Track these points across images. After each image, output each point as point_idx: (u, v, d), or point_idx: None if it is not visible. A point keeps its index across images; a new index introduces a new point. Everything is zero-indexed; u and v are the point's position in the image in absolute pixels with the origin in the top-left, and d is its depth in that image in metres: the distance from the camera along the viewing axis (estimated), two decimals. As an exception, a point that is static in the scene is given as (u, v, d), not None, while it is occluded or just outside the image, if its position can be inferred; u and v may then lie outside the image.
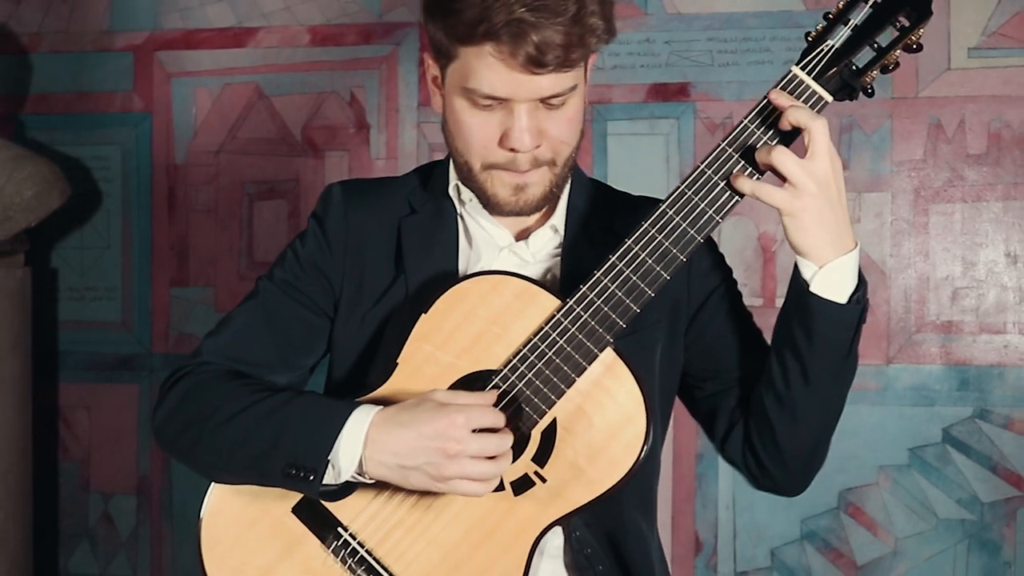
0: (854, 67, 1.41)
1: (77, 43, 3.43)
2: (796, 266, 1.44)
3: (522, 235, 1.61)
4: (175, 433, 1.55)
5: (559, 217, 1.60)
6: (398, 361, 1.49)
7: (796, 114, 1.36)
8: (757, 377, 1.55)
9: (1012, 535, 3.00)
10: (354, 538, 1.47)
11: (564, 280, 1.56)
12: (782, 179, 1.39)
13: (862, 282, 1.44)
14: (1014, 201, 3.00)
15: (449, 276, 1.56)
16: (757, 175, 1.41)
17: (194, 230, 3.38)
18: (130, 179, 3.41)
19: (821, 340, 1.44)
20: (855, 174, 3.05)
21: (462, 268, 1.60)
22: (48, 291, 3.45)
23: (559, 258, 1.59)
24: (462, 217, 1.62)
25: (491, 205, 1.54)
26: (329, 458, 1.41)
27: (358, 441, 1.41)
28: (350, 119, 3.28)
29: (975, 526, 3.02)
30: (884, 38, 1.40)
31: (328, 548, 1.48)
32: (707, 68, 3.10)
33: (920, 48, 1.41)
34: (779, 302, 3.00)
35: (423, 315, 1.48)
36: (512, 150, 1.47)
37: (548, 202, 1.55)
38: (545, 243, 1.60)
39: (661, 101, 3.12)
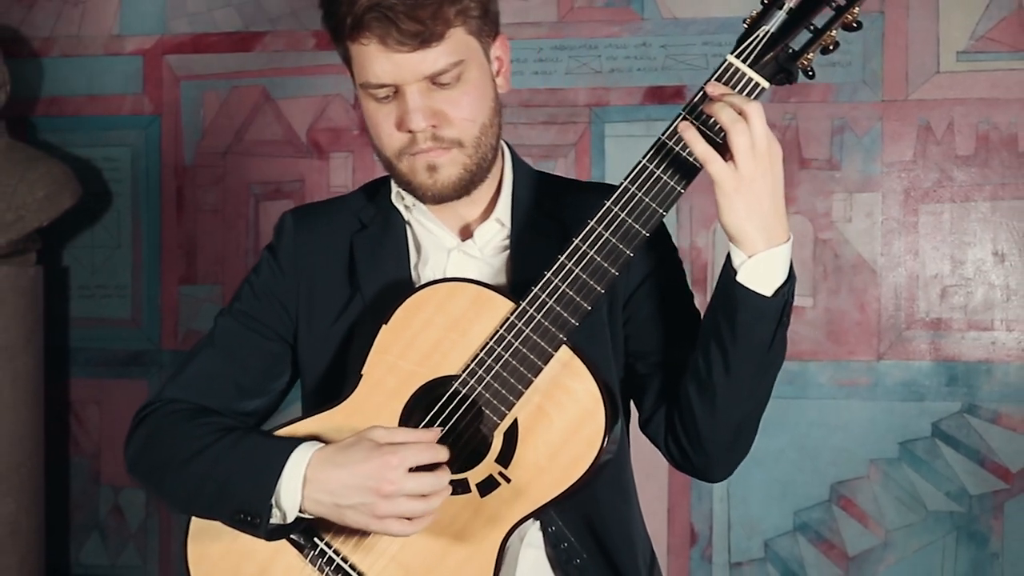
0: (791, 50, 1.37)
1: (88, 47, 3.44)
2: (728, 255, 1.41)
3: (466, 231, 1.60)
4: (143, 475, 1.59)
5: (503, 210, 1.59)
6: (362, 373, 1.49)
7: (730, 100, 1.34)
8: (685, 363, 1.51)
9: (999, 527, 3.01)
10: (330, 547, 1.48)
11: (514, 273, 1.56)
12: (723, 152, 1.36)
13: (792, 277, 1.40)
14: (1001, 201, 3.00)
15: (402, 284, 1.56)
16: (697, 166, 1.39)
17: (202, 229, 3.38)
18: (140, 180, 3.42)
19: (743, 330, 1.40)
20: (846, 175, 3.06)
21: (413, 274, 1.60)
22: (60, 289, 3.46)
23: (508, 251, 1.59)
24: (409, 224, 1.62)
25: (416, 193, 1.54)
26: (272, 501, 1.42)
27: (297, 482, 1.41)
28: (354, 121, 3.28)
29: (963, 518, 3.03)
30: (821, 20, 1.37)
31: (307, 558, 1.48)
32: (702, 71, 3.10)
33: (860, 26, 1.38)
34: (772, 300, 3.03)
35: (384, 326, 1.48)
36: (409, 131, 1.48)
37: (469, 185, 1.54)
38: (491, 237, 1.59)
39: (657, 103, 3.13)
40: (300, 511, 1.43)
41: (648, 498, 3.07)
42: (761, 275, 1.38)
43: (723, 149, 1.35)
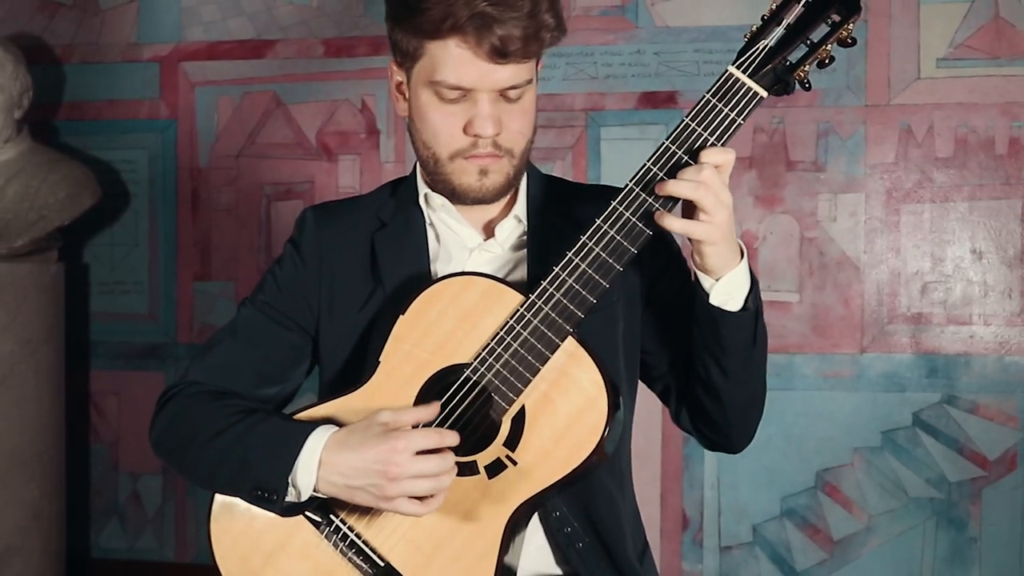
0: (788, 63, 1.40)
1: (107, 55, 3.45)
2: (697, 279, 1.47)
3: (488, 227, 1.62)
4: (167, 452, 1.60)
5: (521, 207, 1.62)
6: (380, 360, 1.50)
7: (710, 154, 1.40)
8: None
9: (977, 512, 3.02)
10: (344, 523, 1.49)
11: (532, 265, 1.58)
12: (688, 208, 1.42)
13: (755, 283, 1.47)
14: (979, 201, 3.01)
15: (422, 278, 1.57)
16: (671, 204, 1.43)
17: (216, 228, 3.39)
18: (156, 181, 3.43)
19: (727, 341, 1.47)
20: (831, 176, 3.07)
21: (434, 270, 1.61)
22: (80, 285, 3.47)
23: (526, 247, 1.60)
24: (432, 223, 1.63)
25: (458, 194, 1.56)
26: (289, 479, 1.44)
27: (313, 463, 1.43)
28: (361, 125, 3.29)
29: (943, 504, 3.04)
30: (818, 34, 1.40)
31: (322, 534, 1.49)
32: (693, 77, 3.11)
33: (854, 42, 1.41)
34: (761, 296, 3.03)
35: (400, 317, 1.49)
36: (476, 135, 1.49)
37: (508, 190, 1.57)
38: (511, 232, 1.61)
39: (651, 108, 3.13)
40: (314, 490, 1.44)
41: (642, 485, 3.08)
42: (729, 292, 1.45)
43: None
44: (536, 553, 1.58)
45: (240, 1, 3.37)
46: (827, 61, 1.41)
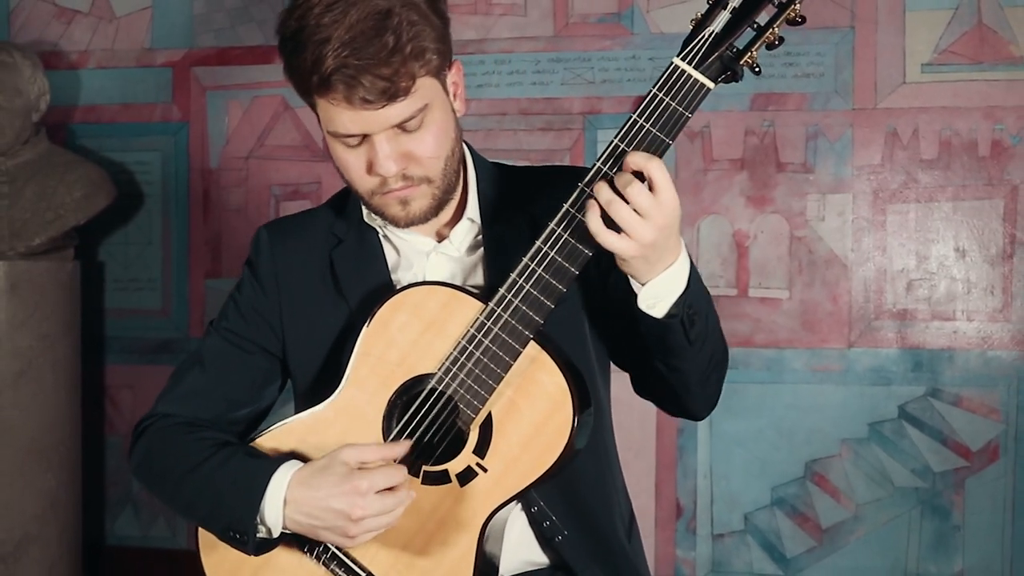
0: (735, 50, 1.31)
1: (122, 60, 3.45)
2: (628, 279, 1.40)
3: (440, 234, 1.59)
4: (147, 484, 1.61)
5: (473, 208, 1.58)
6: (347, 373, 1.48)
7: (633, 159, 1.30)
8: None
9: (961, 501, 3.02)
10: None
11: (490, 268, 1.54)
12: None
13: (692, 285, 1.37)
14: (962, 202, 3.01)
15: (385, 288, 1.54)
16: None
17: (226, 227, 3.40)
18: (169, 182, 3.43)
19: (660, 343, 1.40)
20: (820, 177, 3.07)
21: (396, 278, 1.58)
22: (96, 282, 3.48)
23: (482, 246, 1.57)
24: (385, 235, 1.60)
25: (389, 222, 1.53)
26: (257, 520, 1.43)
27: (279, 502, 1.42)
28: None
29: (928, 493, 3.04)
30: (764, 17, 1.30)
31: (303, 548, 1.49)
32: (687, 82, 3.11)
33: (804, 20, 1.30)
34: (752, 293, 3.05)
35: (364, 328, 1.47)
36: (381, 175, 1.45)
37: (439, 209, 1.53)
38: (465, 234, 1.58)
39: (646, 112, 3.12)
40: (283, 528, 1.44)
41: (637, 474, 3.10)
42: (658, 296, 1.36)
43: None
44: (519, 540, 1.57)
45: (249, 8, 3.37)
46: (776, 43, 1.32)
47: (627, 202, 1.28)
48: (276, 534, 1.45)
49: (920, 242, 3.04)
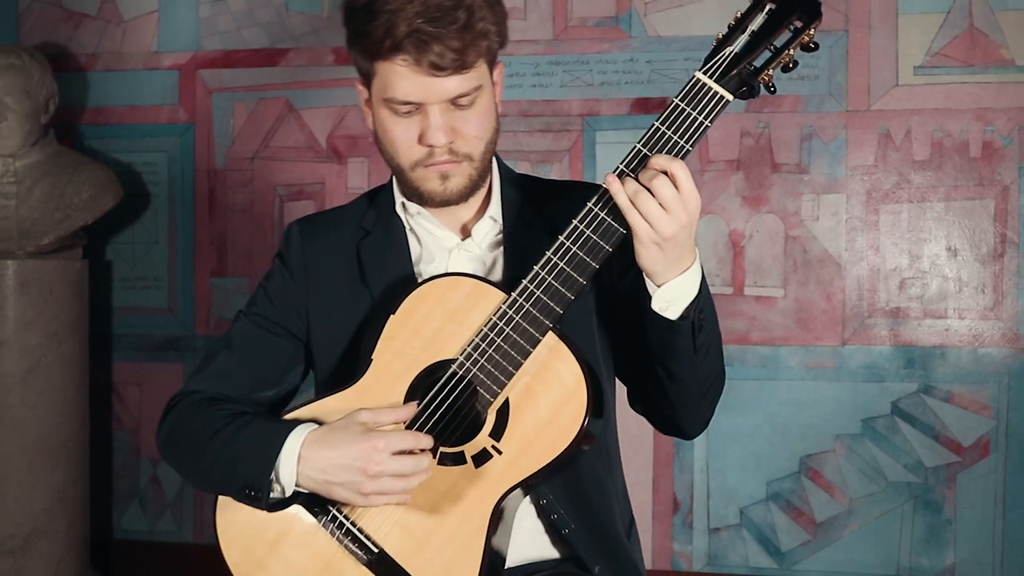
0: (752, 67, 1.39)
1: (129, 63, 3.46)
2: (643, 280, 1.44)
3: (464, 230, 1.64)
4: (171, 459, 1.62)
5: (495, 208, 1.63)
6: (372, 358, 1.51)
7: (657, 160, 1.36)
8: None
9: (952, 496, 3.04)
10: (341, 512, 1.50)
11: (509, 262, 1.59)
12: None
13: (702, 294, 1.42)
14: (954, 202, 3.02)
15: (409, 280, 1.58)
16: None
17: (232, 227, 3.41)
18: (175, 182, 3.44)
19: (668, 347, 1.44)
20: (814, 178, 3.08)
21: (418, 271, 1.62)
22: (103, 281, 3.49)
23: (502, 245, 1.62)
24: (411, 228, 1.65)
25: (425, 198, 1.57)
26: (272, 477, 1.46)
27: (292, 459, 1.45)
28: (369, 129, 3.28)
29: (920, 488, 3.06)
30: (781, 40, 1.39)
31: (320, 523, 1.50)
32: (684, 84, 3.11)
33: (816, 47, 1.40)
34: (748, 291, 3.06)
35: (391, 317, 1.50)
36: (430, 145, 1.51)
37: (473, 190, 1.58)
38: (487, 232, 1.63)
39: (643, 113, 3.15)
40: (296, 485, 1.46)
41: (635, 470, 3.11)
42: (671, 299, 1.41)
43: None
44: (528, 536, 1.59)
45: (254, 12, 3.38)
46: (790, 65, 1.41)
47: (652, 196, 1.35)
48: (289, 492, 1.47)
49: (912, 241, 3.05)
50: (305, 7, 3.35)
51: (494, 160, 1.66)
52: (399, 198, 1.64)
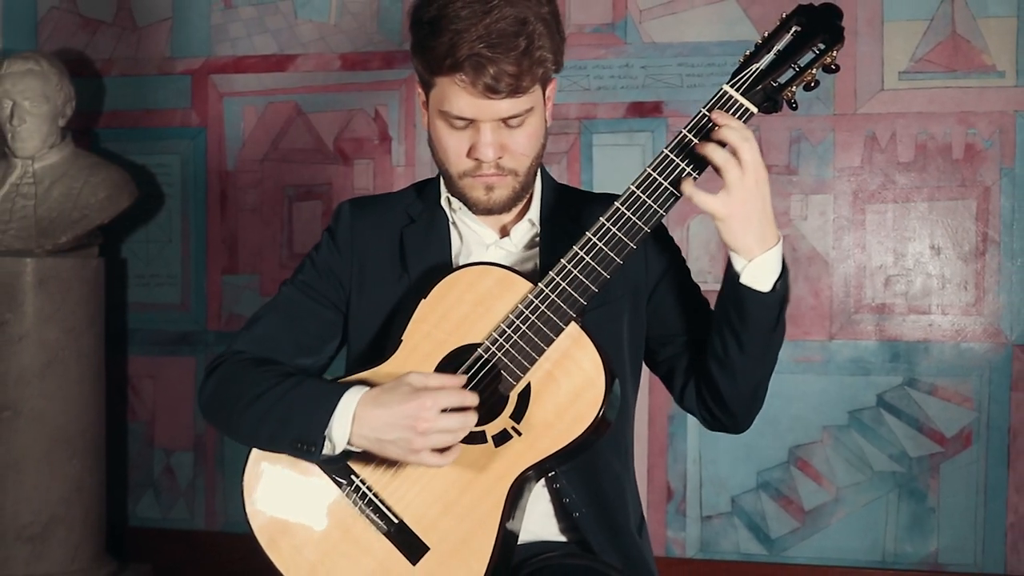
0: (777, 83, 1.44)
1: (143, 68, 3.48)
2: (729, 258, 1.48)
3: (504, 229, 1.67)
4: (214, 412, 1.63)
5: (534, 212, 1.66)
6: (402, 338, 1.54)
7: (726, 132, 1.42)
8: (703, 342, 1.58)
9: (936, 485, 3.05)
10: (364, 483, 1.52)
11: (543, 263, 1.61)
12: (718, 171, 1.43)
13: (785, 270, 1.47)
14: (937, 202, 3.03)
15: (443, 267, 1.61)
16: (695, 176, 1.45)
17: (242, 226, 3.42)
18: (188, 183, 3.45)
19: (751, 319, 1.47)
20: (803, 179, 3.09)
21: (455, 262, 1.65)
22: (119, 278, 3.50)
23: (538, 247, 1.64)
24: (454, 222, 1.68)
25: (468, 205, 1.61)
26: (325, 434, 1.47)
27: (347, 419, 1.47)
28: (375, 132, 3.31)
29: (904, 477, 3.07)
30: (804, 60, 1.44)
31: (343, 492, 1.53)
32: (677, 89, 3.14)
33: (837, 69, 1.45)
34: (738, 287, 3.07)
35: (422, 300, 1.54)
36: (478, 159, 1.54)
37: (516, 202, 1.61)
38: (524, 234, 1.66)
39: (638, 117, 3.16)
40: (348, 443, 1.48)
41: (630, 460, 3.11)
42: (759, 275, 1.45)
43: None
44: (539, 518, 1.62)
45: (264, 19, 3.39)
46: (812, 84, 1.46)
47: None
48: (339, 450, 1.49)
49: (897, 240, 3.06)
50: (313, 15, 3.36)
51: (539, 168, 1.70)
52: (445, 192, 1.67)
